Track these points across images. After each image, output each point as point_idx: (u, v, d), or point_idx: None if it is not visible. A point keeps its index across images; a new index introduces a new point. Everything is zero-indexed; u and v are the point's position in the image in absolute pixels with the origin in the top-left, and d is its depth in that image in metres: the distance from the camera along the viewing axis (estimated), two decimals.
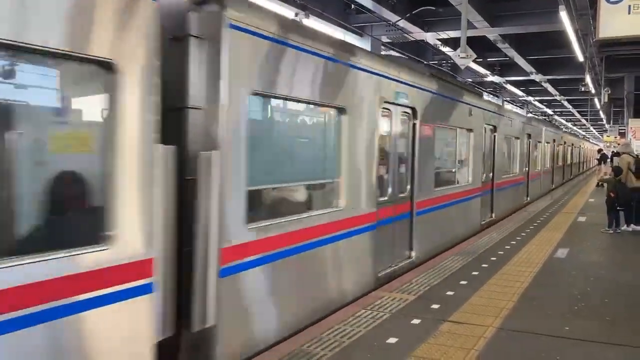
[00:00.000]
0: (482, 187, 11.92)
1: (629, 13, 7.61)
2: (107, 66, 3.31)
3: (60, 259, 3.09)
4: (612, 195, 11.49)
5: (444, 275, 7.23)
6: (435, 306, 5.83)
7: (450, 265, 7.80)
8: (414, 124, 7.94)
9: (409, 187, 7.92)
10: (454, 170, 10.54)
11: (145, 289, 3.59)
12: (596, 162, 36.18)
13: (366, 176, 6.56)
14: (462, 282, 6.86)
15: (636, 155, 12.43)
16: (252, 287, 4.66)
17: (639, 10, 7.64)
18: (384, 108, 6.95)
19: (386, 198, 7.22)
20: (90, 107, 3.54)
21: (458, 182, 10.59)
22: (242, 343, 4.55)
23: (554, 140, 24.18)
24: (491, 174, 12.80)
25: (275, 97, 5.12)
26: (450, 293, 6.37)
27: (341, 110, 6.01)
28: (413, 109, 7.88)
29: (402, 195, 7.74)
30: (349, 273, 6.27)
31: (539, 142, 19.91)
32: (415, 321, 5.34)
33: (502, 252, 8.88)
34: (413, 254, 8.05)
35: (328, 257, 5.85)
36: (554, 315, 5.66)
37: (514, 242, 9.86)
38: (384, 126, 7.06)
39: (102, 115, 3.47)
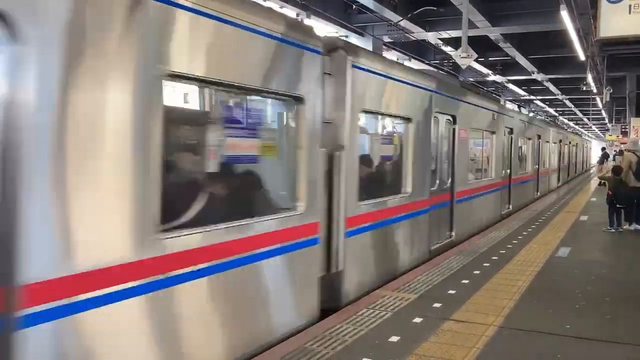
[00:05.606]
0: (502, 181, 13.46)
1: (630, 13, 7.60)
2: (299, 99, 5.05)
3: (281, 218, 4.89)
4: (610, 194, 11.48)
5: (445, 274, 7.27)
6: (437, 305, 5.87)
7: (452, 264, 7.84)
8: (454, 129, 9.69)
9: (450, 180, 9.54)
10: (481, 166, 12.37)
11: (315, 241, 5.38)
12: (598, 160, 36.16)
13: (423, 170, 8.20)
14: (464, 281, 6.90)
15: None
16: (362, 246, 6.41)
17: None
18: (434, 117, 8.55)
19: (435, 188, 8.76)
20: (290, 122, 5.28)
21: (484, 177, 12.32)
22: (355, 283, 6.20)
23: (560, 141, 24.41)
24: (508, 170, 14.26)
25: (374, 113, 6.92)
26: (452, 292, 6.41)
27: (408, 120, 7.59)
28: (453, 116, 9.60)
29: (445, 186, 9.34)
30: (415, 244, 8.02)
31: (547, 141, 20.61)
32: (417, 320, 5.37)
33: (503, 251, 8.92)
34: (453, 234, 9.73)
35: (402, 231, 7.54)
36: (555, 314, 5.69)
37: (515, 241, 9.90)
38: (434, 130, 8.66)
39: (292, 127, 5.19)
